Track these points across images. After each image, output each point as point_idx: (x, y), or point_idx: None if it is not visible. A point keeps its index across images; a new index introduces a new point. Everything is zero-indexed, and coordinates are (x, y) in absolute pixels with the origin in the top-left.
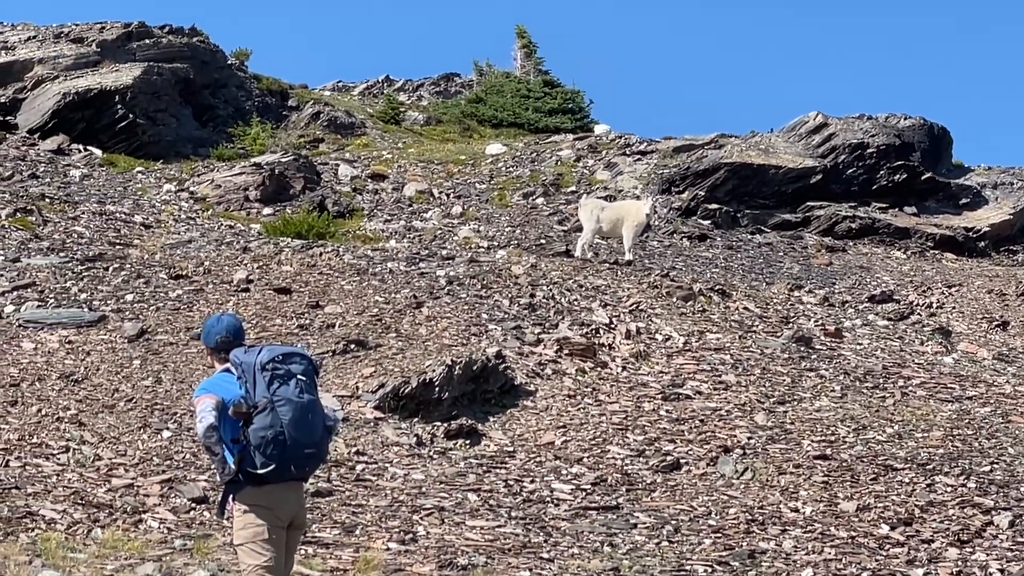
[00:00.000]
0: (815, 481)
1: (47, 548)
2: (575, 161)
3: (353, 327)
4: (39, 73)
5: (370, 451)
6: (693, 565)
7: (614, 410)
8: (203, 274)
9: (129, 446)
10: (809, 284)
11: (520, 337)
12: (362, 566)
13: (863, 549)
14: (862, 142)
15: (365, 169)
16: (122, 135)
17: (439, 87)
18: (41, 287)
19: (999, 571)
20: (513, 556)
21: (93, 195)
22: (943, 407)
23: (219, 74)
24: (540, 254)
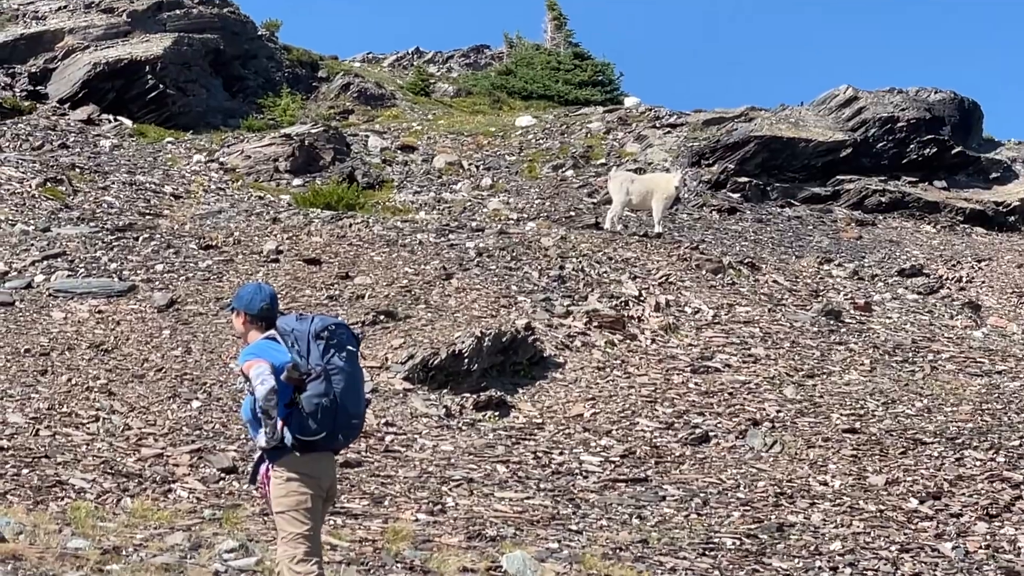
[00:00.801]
0: (844, 455)
1: (77, 517)
2: (605, 133)
3: (383, 298)
4: (69, 43)
5: (399, 422)
6: (722, 538)
7: (643, 382)
8: (233, 245)
9: (159, 416)
10: (839, 258)
11: (549, 309)
12: (391, 537)
13: (892, 523)
14: (892, 116)
15: (395, 141)
16: (152, 106)
17: (469, 59)
18: (71, 257)
19: None
20: (542, 528)
21: (123, 165)
22: (972, 381)
23: (249, 45)
24: (570, 226)
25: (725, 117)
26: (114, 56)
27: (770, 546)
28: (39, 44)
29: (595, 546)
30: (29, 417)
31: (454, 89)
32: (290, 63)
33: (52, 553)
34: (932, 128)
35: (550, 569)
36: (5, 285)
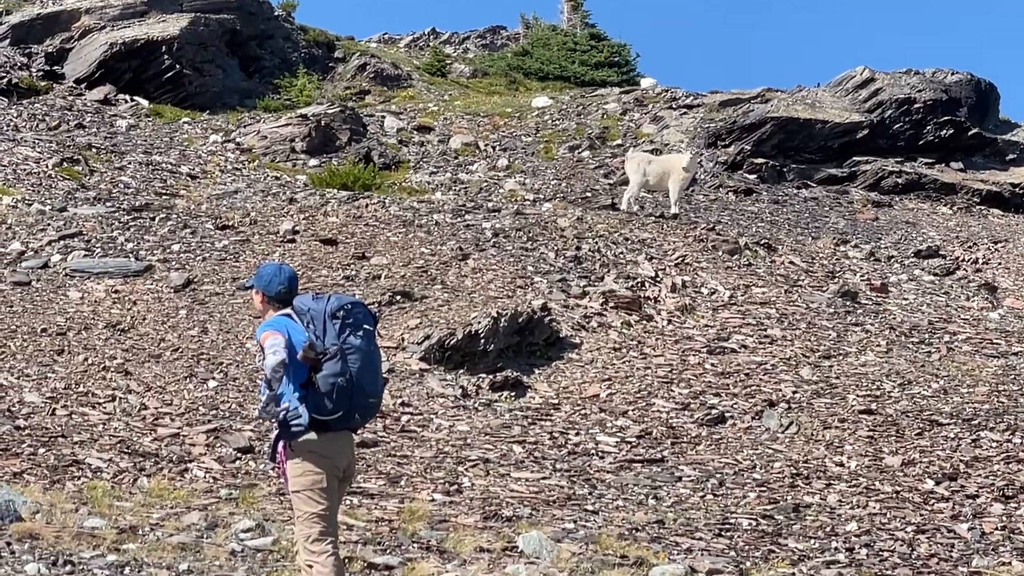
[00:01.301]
0: (860, 436)
1: (93, 496)
2: (621, 114)
3: (399, 278)
4: (86, 23)
5: (415, 402)
6: (738, 518)
7: (659, 363)
8: (249, 225)
9: (175, 396)
10: (855, 239)
11: (566, 290)
12: (407, 517)
13: (908, 504)
14: (909, 97)
15: (411, 121)
16: (168, 86)
17: (485, 40)
18: (88, 237)
19: None
20: (558, 508)
21: (139, 145)
22: (988, 363)
23: (266, 25)
24: (586, 207)
25: (742, 98)
26: (131, 36)
27: (786, 527)
28: (56, 24)
29: (611, 526)
30: (46, 397)
31: (470, 70)
32: (306, 44)
33: (69, 532)
34: (949, 109)
35: (566, 549)
36: (22, 265)
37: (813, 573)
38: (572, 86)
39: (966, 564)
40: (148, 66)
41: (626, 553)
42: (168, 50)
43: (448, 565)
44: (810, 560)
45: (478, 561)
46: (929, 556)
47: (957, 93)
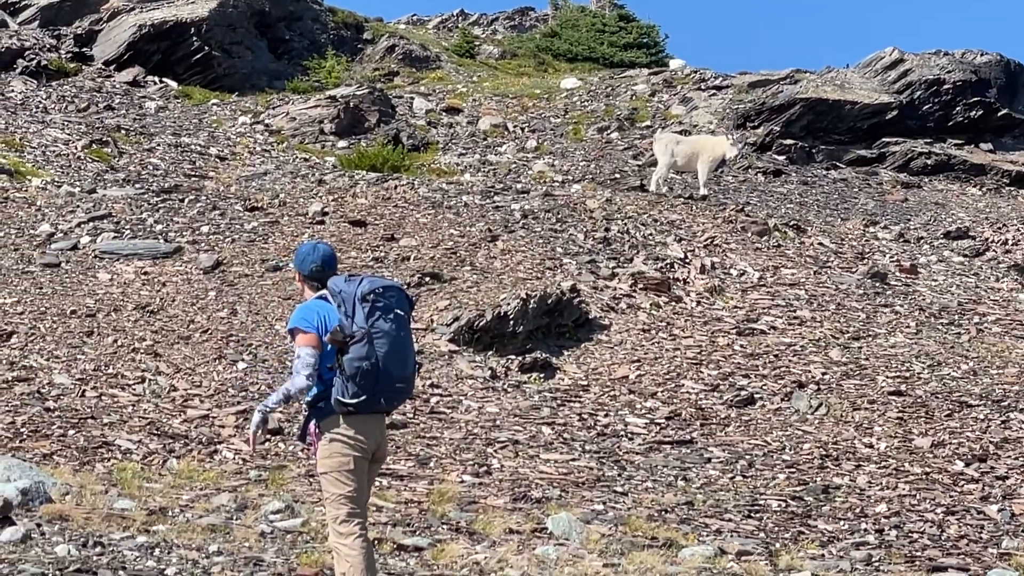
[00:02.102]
0: (889, 417)
1: (123, 478)
2: (650, 96)
3: (428, 260)
4: (115, 5)
5: (444, 384)
6: (767, 500)
7: (688, 344)
8: (278, 206)
9: (204, 377)
10: (884, 220)
11: (595, 271)
12: (437, 498)
13: (937, 485)
14: (938, 78)
15: (440, 103)
16: (197, 67)
17: (514, 21)
18: (117, 218)
19: None
20: (587, 489)
21: (168, 127)
22: (1018, 344)
23: (294, 7)
24: (615, 188)
25: (770, 79)
26: (160, 18)
27: (815, 508)
28: (84, 5)
29: (640, 508)
30: (75, 378)
31: (499, 51)
32: (335, 25)
33: (98, 514)
34: (978, 90)
35: (595, 531)
36: (52, 247)
37: (842, 555)
38: (601, 67)
39: (996, 545)
40: (177, 48)
41: (655, 535)
42: (197, 32)
43: (477, 547)
44: (839, 541)
45: (507, 542)
46: (959, 537)
47: (986, 74)
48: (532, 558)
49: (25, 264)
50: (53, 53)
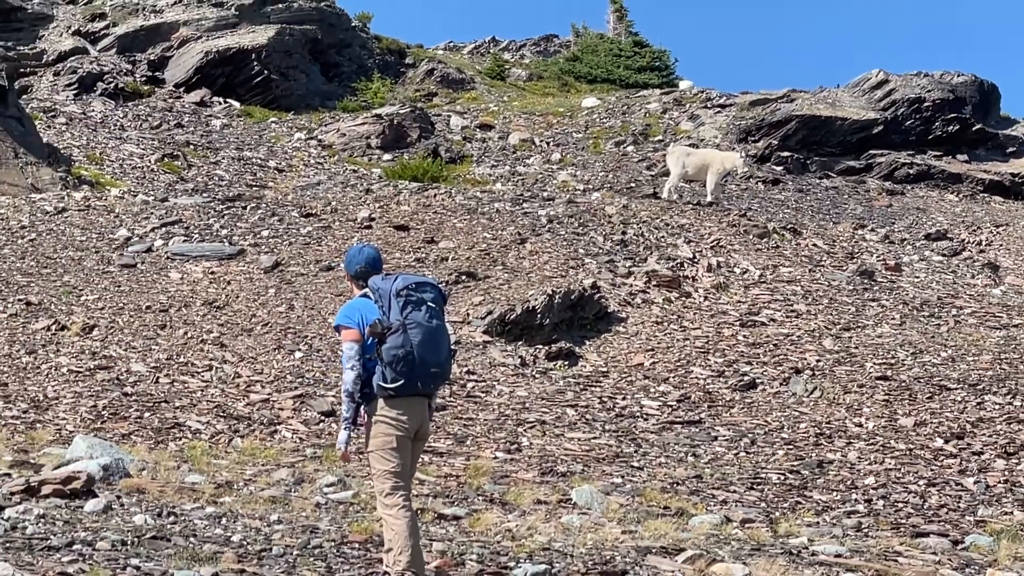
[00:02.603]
0: (877, 399)
1: (193, 455)
2: (662, 113)
3: (464, 260)
4: (184, 34)
5: (479, 371)
6: (767, 473)
7: (697, 335)
8: (330, 213)
9: (265, 365)
10: (871, 223)
11: (613, 270)
12: (472, 473)
13: (920, 460)
14: (919, 97)
15: (474, 120)
16: (257, 89)
17: (539, 47)
18: (187, 224)
19: None
20: (607, 464)
21: (232, 142)
22: (992, 334)
23: (344, 35)
24: (630, 196)
25: (769, 98)
26: (224, 45)
27: (811, 481)
28: (157, 34)
29: (655, 481)
30: (150, 367)
31: (527, 74)
32: (380, 51)
33: (171, 487)
34: (955, 107)
35: (614, 501)
36: (128, 249)
37: (835, 522)
38: (617, 88)
39: (972, 514)
40: (240, 72)
41: (668, 505)
42: (257, 57)
43: (509, 516)
44: (832, 511)
45: (536, 512)
46: (939, 507)
47: (962, 93)
48: (558, 526)
49: (105, 265)
50: (129, 77)
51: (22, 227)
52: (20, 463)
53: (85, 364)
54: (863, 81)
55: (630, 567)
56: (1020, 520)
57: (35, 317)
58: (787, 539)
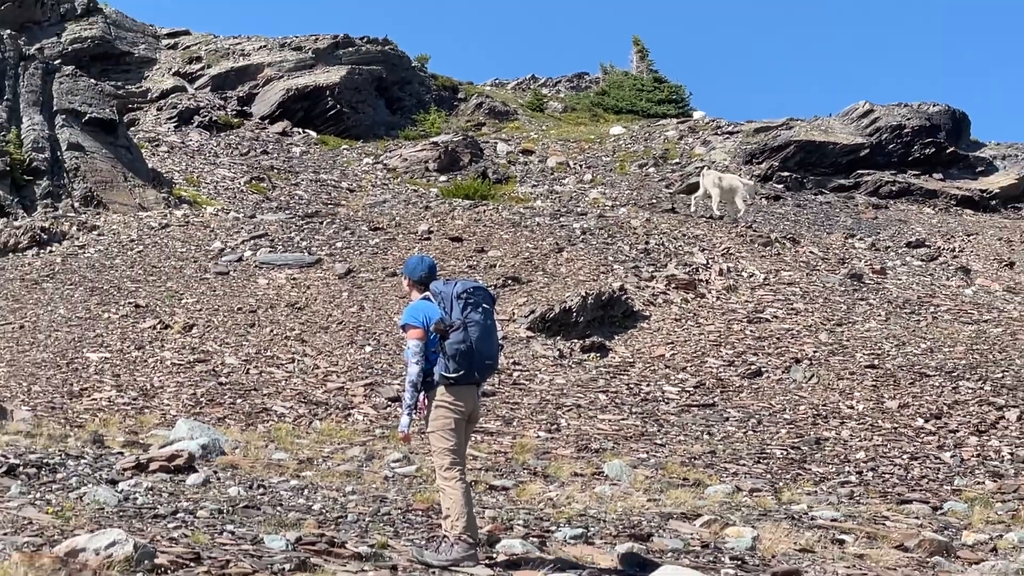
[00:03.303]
0: (866, 385)
1: (279, 435)
2: (678, 139)
3: (510, 267)
4: (268, 74)
5: (523, 362)
6: (772, 449)
7: (710, 330)
8: (395, 227)
9: (340, 358)
10: (860, 233)
11: (637, 274)
12: (518, 450)
13: (903, 437)
14: (900, 124)
15: (517, 146)
16: (331, 121)
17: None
18: (272, 237)
19: (1009, 454)
20: (634, 442)
21: (310, 167)
22: (965, 328)
23: (405, 74)
24: (652, 211)
25: (771, 126)
26: (303, 83)
27: (809, 455)
28: (245, 74)
29: (675, 456)
30: (241, 359)
31: (562, 106)
32: (436, 87)
33: (260, 463)
34: (931, 133)
35: (640, 474)
36: (222, 259)
37: (831, 491)
38: (640, 118)
39: (950, 484)
40: (316, 106)
41: (687, 476)
42: (331, 93)
43: (550, 486)
44: (828, 481)
45: (573, 483)
46: (920, 477)
47: (937, 120)
48: (592, 495)
49: (202, 273)
50: (221, 111)
51: (131, 240)
52: (131, 443)
53: (186, 358)
54: (852, 111)
55: (655, 530)
56: (991, 489)
57: (143, 317)
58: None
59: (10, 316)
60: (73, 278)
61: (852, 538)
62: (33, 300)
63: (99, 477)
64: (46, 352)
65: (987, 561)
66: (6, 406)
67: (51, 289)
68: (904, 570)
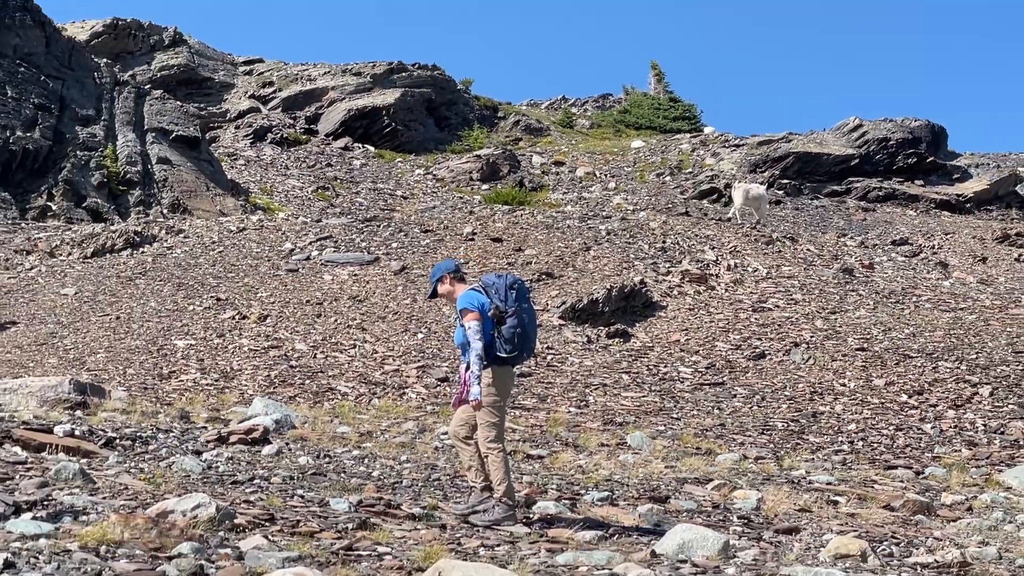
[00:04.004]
0: (856, 365)
1: (342, 412)
2: (691, 152)
3: (544, 263)
4: (332, 96)
5: (556, 346)
6: (774, 422)
7: (719, 318)
8: (443, 229)
9: (396, 344)
10: (851, 233)
11: (655, 270)
12: (552, 423)
13: (889, 411)
14: (886, 137)
15: (550, 158)
16: (387, 137)
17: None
18: (335, 239)
19: (983, 426)
20: (653, 416)
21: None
22: (943, 315)
23: (451, 95)
24: (668, 214)
25: (772, 140)
26: (362, 104)
27: (807, 427)
28: (311, 97)
29: (689, 428)
30: (309, 345)
31: (589, 123)
32: (479, 107)
33: (326, 436)
34: (913, 145)
35: (659, 444)
36: (292, 258)
37: (826, 459)
38: (657, 133)
39: (930, 452)
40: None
41: (699, 446)
42: (387, 113)
43: (580, 455)
44: (824, 449)
45: (600, 452)
46: (905, 446)
47: (919, 134)
48: (617, 462)
49: (275, 270)
50: (291, 129)
51: (212, 242)
52: (213, 419)
53: (261, 344)
54: (843, 125)
55: (671, 493)
56: (967, 456)
57: (223, 309)
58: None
59: (108, 309)
60: (162, 275)
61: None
62: (128, 295)
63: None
64: (139, 340)
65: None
66: (105, 387)
67: (143, 285)
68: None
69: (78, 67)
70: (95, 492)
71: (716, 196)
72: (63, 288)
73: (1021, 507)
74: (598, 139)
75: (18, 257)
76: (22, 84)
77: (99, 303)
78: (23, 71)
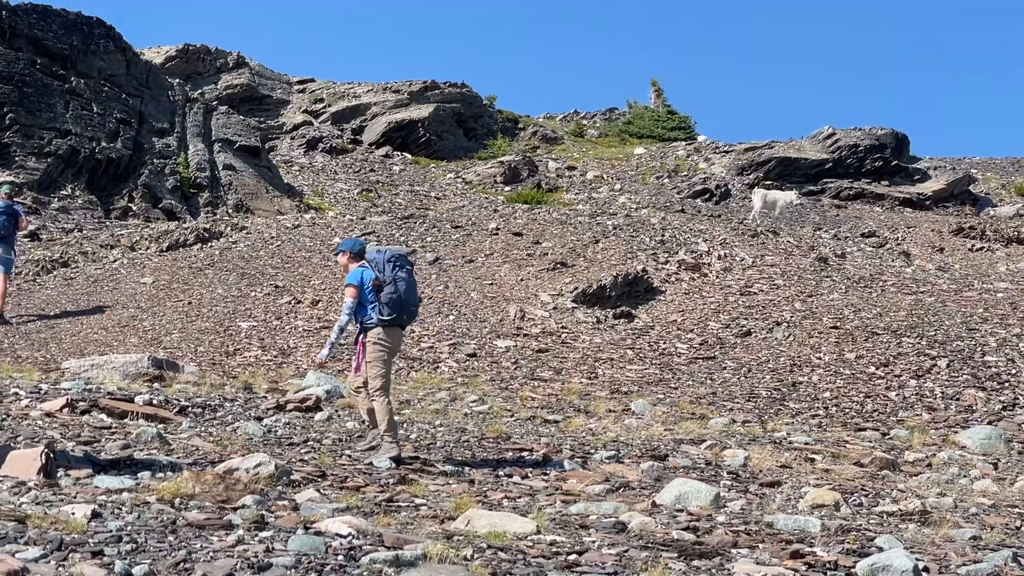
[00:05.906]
0: (831, 341)
1: None
2: (686, 157)
3: (559, 254)
4: (374, 111)
5: (569, 326)
6: (759, 390)
7: (711, 301)
8: (471, 225)
9: (430, 324)
10: (825, 227)
11: (656, 259)
12: (566, 393)
13: (859, 381)
14: (856, 144)
15: (563, 164)
16: (422, 146)
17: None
18: (378, 234)
19: (941, 393)
20: (654, 386)
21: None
22: (906, 298)
23: (478, 109)
24: (667, 211)
25: (756, 146)
26: (401, 118)
27: (788, 396)
28: (357, 111)
29: (685, 396)
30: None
31: (598, 133)
32: (502, 120)
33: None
34: (879, 150)
35: (659, 410)
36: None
37: (804, 422)
38: (657, 141)
39: (895, 416)
40: (411, 135)
41: (694, 412)
42: (422, 125)
43: (590, 420)
44: (802, 415)
45: (608, 417)
46: (872, 411)
47: (884, 140)
48: (623, 426)
49: (325, 261)
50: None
51: (271, 237)
52: (273, 389)
53: (313, 325)
54: (818, 134)
55: (670, 452)
56: (927, 420)
57: (280, 295)
58: (773, 433)
59: (181, 295)
60: (228, 266)
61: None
62: (198, 283)
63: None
64: (208, 322)
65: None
66: (179, 362)
67: (211, 274)
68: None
69: (154, 86)
70: (170, 452)
71: (708, 196)
72: (142, 278)
73: (974, 463)
74: (605, 147)
75: (103, 251)
76: (106, 102)
77: (173, 290)
78: (107, 90)
